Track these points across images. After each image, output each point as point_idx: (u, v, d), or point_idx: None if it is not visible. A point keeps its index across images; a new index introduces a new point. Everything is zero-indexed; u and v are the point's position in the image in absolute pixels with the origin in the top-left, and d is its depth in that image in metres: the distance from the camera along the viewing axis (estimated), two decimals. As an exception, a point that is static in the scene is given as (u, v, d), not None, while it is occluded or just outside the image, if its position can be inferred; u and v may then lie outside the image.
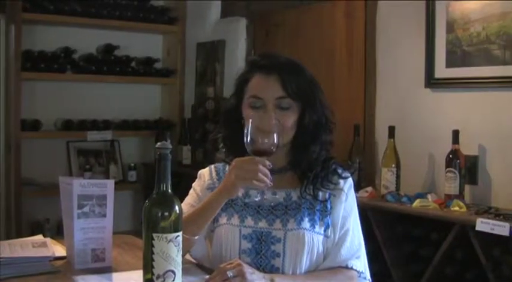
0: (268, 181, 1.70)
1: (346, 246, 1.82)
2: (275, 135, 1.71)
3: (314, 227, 1.80)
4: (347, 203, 1.86)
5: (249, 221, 1.82)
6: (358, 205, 1.92)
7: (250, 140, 1.71)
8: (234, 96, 1.92)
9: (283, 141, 1.80)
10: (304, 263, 1.78)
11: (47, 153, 4.48)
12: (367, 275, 1.87)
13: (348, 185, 1.88)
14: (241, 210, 1.85)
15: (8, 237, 3.95)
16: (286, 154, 1.89)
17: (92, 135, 4.45)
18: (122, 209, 4.53)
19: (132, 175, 4.67)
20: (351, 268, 1.82)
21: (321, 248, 1.81)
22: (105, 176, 4.56)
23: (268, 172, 1.70)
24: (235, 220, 1.83)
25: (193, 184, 1.98)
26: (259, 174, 1.68)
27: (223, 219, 1.85)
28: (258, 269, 1.75)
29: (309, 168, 1.85)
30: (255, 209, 1.84)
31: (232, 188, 1.74)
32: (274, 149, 1.72)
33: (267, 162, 1.71)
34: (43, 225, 4.30)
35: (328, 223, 1.83)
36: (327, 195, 1.85)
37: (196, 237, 1.78)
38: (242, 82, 1.89)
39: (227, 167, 1.91)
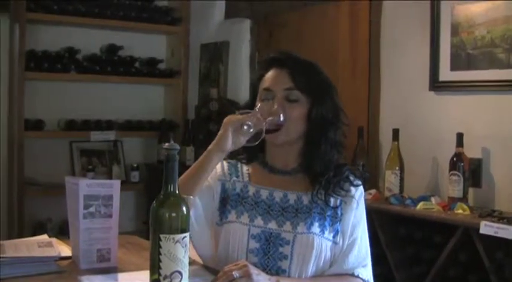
0: (259, 115, 1.74)
1: (354, 254, 1.82)
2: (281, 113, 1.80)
3: (323, 233, 1.80)
4: (357, 211, 1.86)
5: (259, 221, 1.81)
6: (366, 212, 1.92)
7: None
8: (251, 95, 1.96)
9: (291, 135, 1.83)
10: (311, 268, 1.78)
11: (50, 153, 4.49)
12: None
13: (359, 192, 1.88)
14: (251, 209, 1.84)
15: (10, 236, 3.95)
16: (297, 155, 1.89)
17: (95, 135, 4.46)
18: (124, 210, 4.47)
19: (135, 176, 4.66)
20: (357, 276, 1.81)
21: (328, 254, 1.80)
22: (108, 176, 4.56)
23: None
24: (245, 219, 1.82)
25: None
26: (251, 115, 1.74)
27: (232, 217, 1.84)
28: (264, 269, 1.75)
29: (321, 173, 1.84)
30: (265, 209, 1.84)
31: (224, 133, 1.76)
32: (282, 120, 1.79)
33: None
34: (45, 225, 4.30)
35: (337, 229, 1.83)
36: (338, 202, 1.85)
37: (191, 197, 1.75)
38: (258, 80, 1.92)
39: (239, 164, 1.93)
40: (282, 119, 1.80)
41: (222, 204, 1.87)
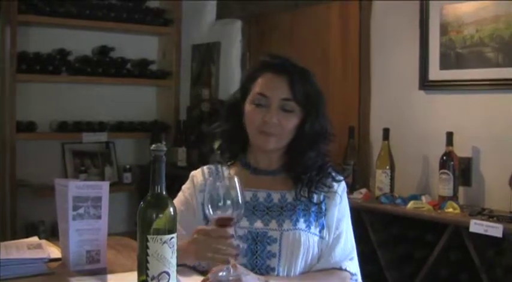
0: (233, 252, 1.60)
1: (340, 247, 1.84)
2: (240, 200, 1.60)
3: (310, 228, 1.82)
4: (341, 206, 1.88)
5: (244, 222, 1.82)
6: (352, 207, 1.95)
7: (212, 209, 1.59)
8: (239, 91, 1.93)
9: (282, 143, 1.85)
10: (300, 264, 1.79)
11: (42, 155, 4.48)
12: (359, 277, 1.88)
13: (341, 187, 1.90)
14: None
15: (3, 239, 3.92)
16: (280, 157, 1.91)
17: (87, 136, 4.45)
18: (116, 211, 4.52)
19: (127, 177, 4.66)
20: (345, 270, 1.83)
21: (316, 249, 1.82)
22: (100, 177, 4.56)
23: (233, 242, 1.61)
24: None
25: (183, 186, 1.97)
26: (222, 251, 1.59)
27: None
28: (253, 269, 1.76)
29: (303, 172, 1.86)
30: (250, 210, 1.84)
31: (200, 258, 1.70)
32: (237, 221, 1.63)
33: (230, 233, 1.61)
34: (38, 227, 4.30)
35: (323, 224, 1.85)
36: (321, 198, 1.87)
37: None
38: (250, 79, 1.91)
39: (219, 167, 1.94)
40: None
41: None
